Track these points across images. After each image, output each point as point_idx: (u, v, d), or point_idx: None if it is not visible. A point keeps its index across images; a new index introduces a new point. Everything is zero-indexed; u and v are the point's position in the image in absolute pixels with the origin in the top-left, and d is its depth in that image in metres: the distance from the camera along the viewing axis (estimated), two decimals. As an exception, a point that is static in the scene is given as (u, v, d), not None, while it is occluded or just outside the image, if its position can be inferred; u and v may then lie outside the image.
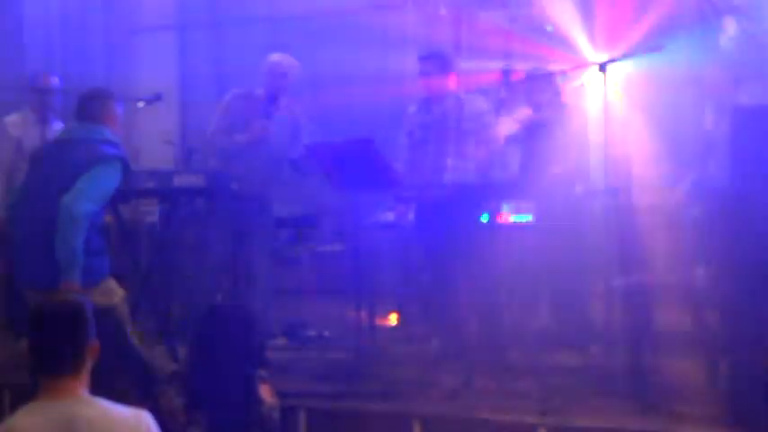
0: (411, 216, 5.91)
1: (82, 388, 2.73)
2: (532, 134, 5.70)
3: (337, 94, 7.26)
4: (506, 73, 5.87)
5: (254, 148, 5.69)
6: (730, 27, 6.04)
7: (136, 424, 2.72)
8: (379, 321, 6.49)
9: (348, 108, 7.03)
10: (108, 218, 4.99)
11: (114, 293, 4.38)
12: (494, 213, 5.71)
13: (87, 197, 4.27)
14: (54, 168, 4.43)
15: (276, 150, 5.75)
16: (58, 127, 6.24)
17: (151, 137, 6.95)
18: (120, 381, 4.42)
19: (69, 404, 2.68)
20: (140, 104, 5.86)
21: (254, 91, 5.85)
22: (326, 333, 6.22)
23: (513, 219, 5.97)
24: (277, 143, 5.77)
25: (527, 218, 5.87)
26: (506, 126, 5.66)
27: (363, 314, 5.78)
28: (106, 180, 4.36)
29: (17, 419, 2.67)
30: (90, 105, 4.54)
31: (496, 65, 6.55)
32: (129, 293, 4.78)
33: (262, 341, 5.30)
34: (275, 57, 5.89)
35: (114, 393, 3.61)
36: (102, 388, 2.76)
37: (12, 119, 6.14)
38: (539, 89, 5.75)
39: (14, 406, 3.72)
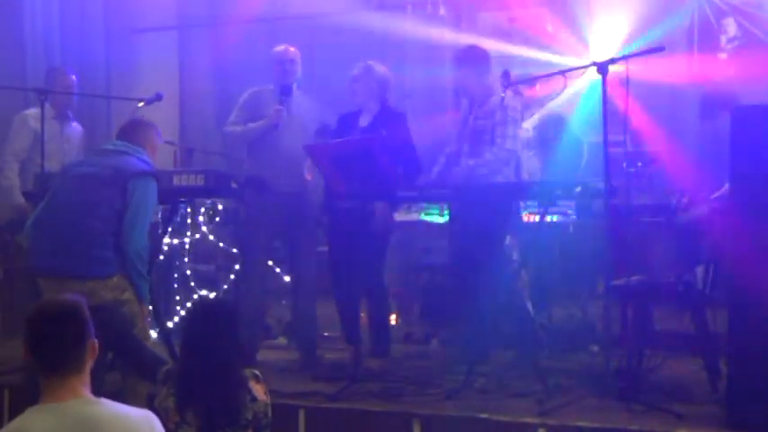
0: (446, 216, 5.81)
1: (85, 387, 2.70)
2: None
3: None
4: (506, 75, 5.83)
5: (273, 136, 5.67)
6: (730, 27, 6.05)
7: (148, 423, 2.71)
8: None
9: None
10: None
11: (125, 289, 4.42)
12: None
13: (140, 231, 4.47)
14: (90, 166, 4.61)
15: (296, 138, 5.69)
16: (76, 126, 6.52)
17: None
18: (126, 376, 4.45)
19: (77, 405, 2.65)
20: (140, 104, 5.85)
21: (266, 87, 5.87)
22: (326, 333, 6.22)
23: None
24: (301, 130, 5.73)
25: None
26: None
27: (363, 314, 5.79)
28: (148, 201, 4.54)
29: (27, 422, 2.61)
30: (133, 132, 4.72)
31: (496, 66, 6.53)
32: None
33: (249, 338, 5.32)
34: (280, 47, 5.90)
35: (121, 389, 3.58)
36: (107, 383, 2.73)
37: (32, 112, 6.24)
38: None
39: (14, 406, 3.70)
